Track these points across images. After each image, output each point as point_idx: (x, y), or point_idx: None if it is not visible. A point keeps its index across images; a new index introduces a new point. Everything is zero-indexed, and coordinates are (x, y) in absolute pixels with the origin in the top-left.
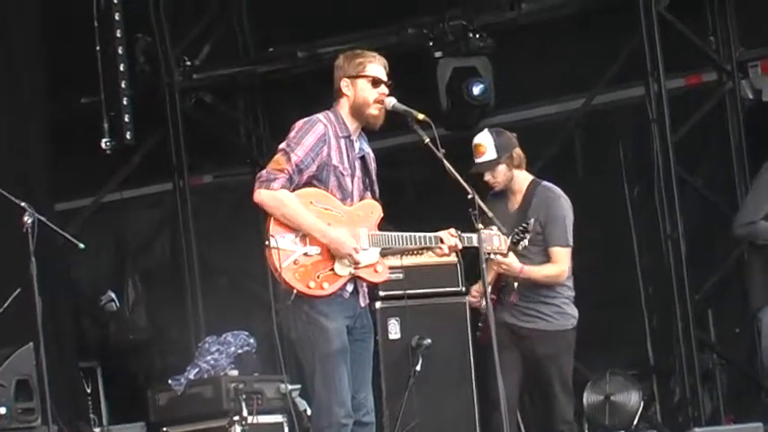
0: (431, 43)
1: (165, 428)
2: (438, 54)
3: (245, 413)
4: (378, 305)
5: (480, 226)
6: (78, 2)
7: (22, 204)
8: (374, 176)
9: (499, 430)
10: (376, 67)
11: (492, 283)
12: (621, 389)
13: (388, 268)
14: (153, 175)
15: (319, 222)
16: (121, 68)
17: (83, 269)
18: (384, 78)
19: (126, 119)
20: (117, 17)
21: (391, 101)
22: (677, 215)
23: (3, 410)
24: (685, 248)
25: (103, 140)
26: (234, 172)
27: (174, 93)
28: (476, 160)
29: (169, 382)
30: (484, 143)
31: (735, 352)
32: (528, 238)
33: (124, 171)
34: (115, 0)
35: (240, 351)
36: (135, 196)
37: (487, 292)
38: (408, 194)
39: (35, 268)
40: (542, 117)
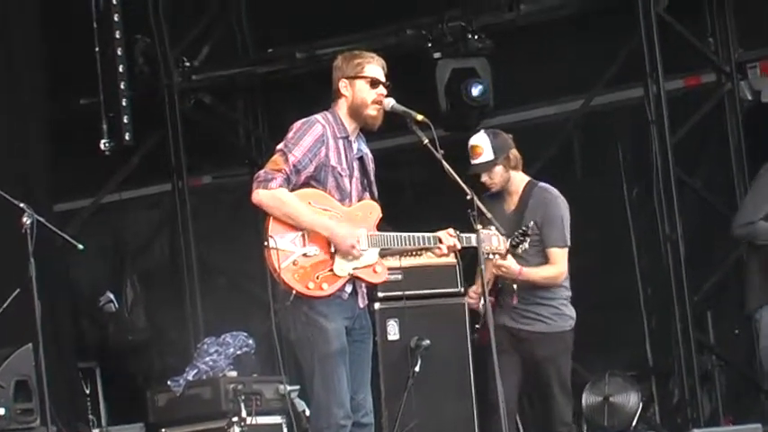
0: (430, 44)
1: (163, 429)
2: (437, 55)
3: (243, 414)
4: (377, 306)
5: (479, 226)
6: (77, 3)
7: (21, 205)
8: (372, 177)
9: None
10: (374, 67)
11: (490, 286)
12: (620, 390)
13: (386, 269)
14: (152, 175)
15: (320, 217)
16: (120, 69)
17: (82, 270)
18: (382, 79)
19: (125, 120)
20: (116, 18)
21: (390, 102)
22: (676, 216)
23: (2, 411)
24: (684, 250)
25: (102, 141)
26: (233, 173)
27: (173, 94)
28: (472, 161)
29: (168, 382)
30: (480, 144)
31: (734, 353)
32: (528, 241)
33: (123, 172)
34: (114, 1)
35: (239, 352)
36: (134, 197)
37: (486, 291)
38: (407, 195)
39: (34, 269)
40: (541, 118)
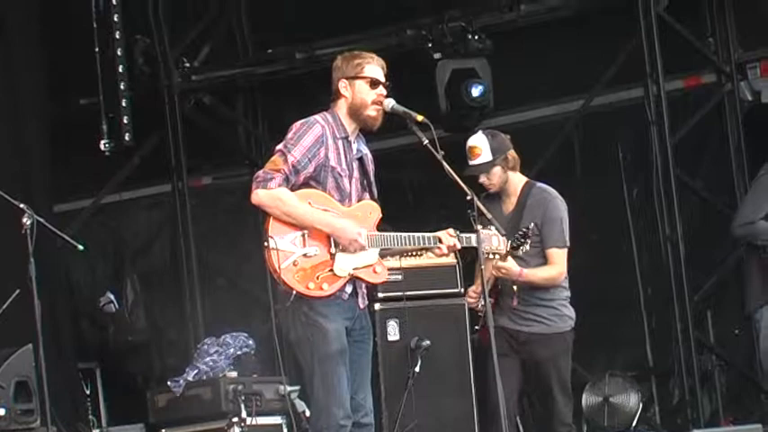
0: (430, 45)
1: (163, 430)
2: (437, 55)
3: (243, 414)
4: (377, 306)
5: (479, 226)
6: (77, 3)
7: (21, 206)
8: (372, 177)
9: None
10: (374, 68)
11: (490, 286)
12: (620, 390)
13: (387, 269)
14: (152, 176)
15: (321, 213)
16: (120, 70)
17: (82, 270)
18: (382, 79)
19: (125, 120)
20: (116, 18)
21: (390, 102)
22: (676, 216)
23: (2, 411)
24: (684, 250)
25: (102, 142)
26: (233, 173)
27: (173, 94)
28: (470, 162)
29: (168, 383)
30: (479, 145)
31: (734, 353)
32: (529, 243)
33: (123, 172)
34: (114, 1)
35: (239, 352)
36: (134, 198)
37: (486, 291)
38: (407, 196)
39: (34, 269)
40: (541, 119)
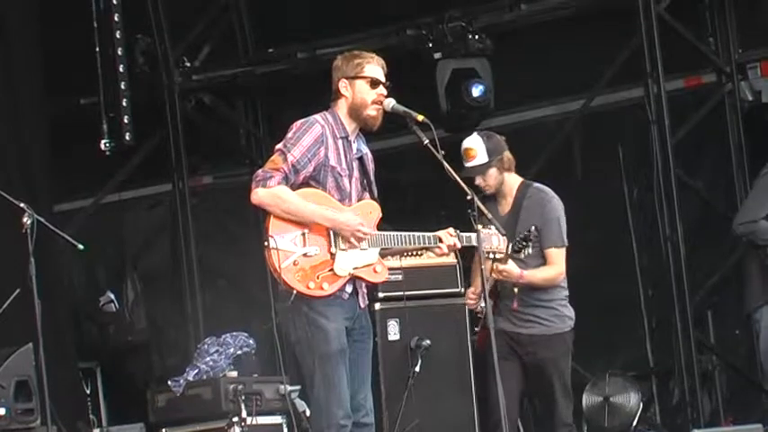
0: (430, 44)
1: (164, 429)
2: (437, 55)
3: (244, 414)
4: (377, 306)
5: (479, 226)
6: (77, 3)
7: (21, 205)
8: (372, 177)
9: None
10: (374, 67)
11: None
12: (621, 390)
13: (387, 269)
14: (152, 176)
15: (321, 208)
16: (121, 69)
17: (82, 270)
18: (382, 79)
19: (125, 120)
20: (116, 18)
21: (390, 102)
22: (676, 217)
23: (2, 411)
24: (684, 250)
25: (103, 141)
26: (233, 173)
27: (174, 94)
28: (466, 164)
29: (168, 383)
30: (474, 147)
31: (734, 354)
32: (530, 246)
33: (123, 172)
34: (114, 1)
35: (239, 352)
36: (134, 197)
37: (486, 292)
38: (407, 195)
39: (34, 269)
40: (541, 118)
